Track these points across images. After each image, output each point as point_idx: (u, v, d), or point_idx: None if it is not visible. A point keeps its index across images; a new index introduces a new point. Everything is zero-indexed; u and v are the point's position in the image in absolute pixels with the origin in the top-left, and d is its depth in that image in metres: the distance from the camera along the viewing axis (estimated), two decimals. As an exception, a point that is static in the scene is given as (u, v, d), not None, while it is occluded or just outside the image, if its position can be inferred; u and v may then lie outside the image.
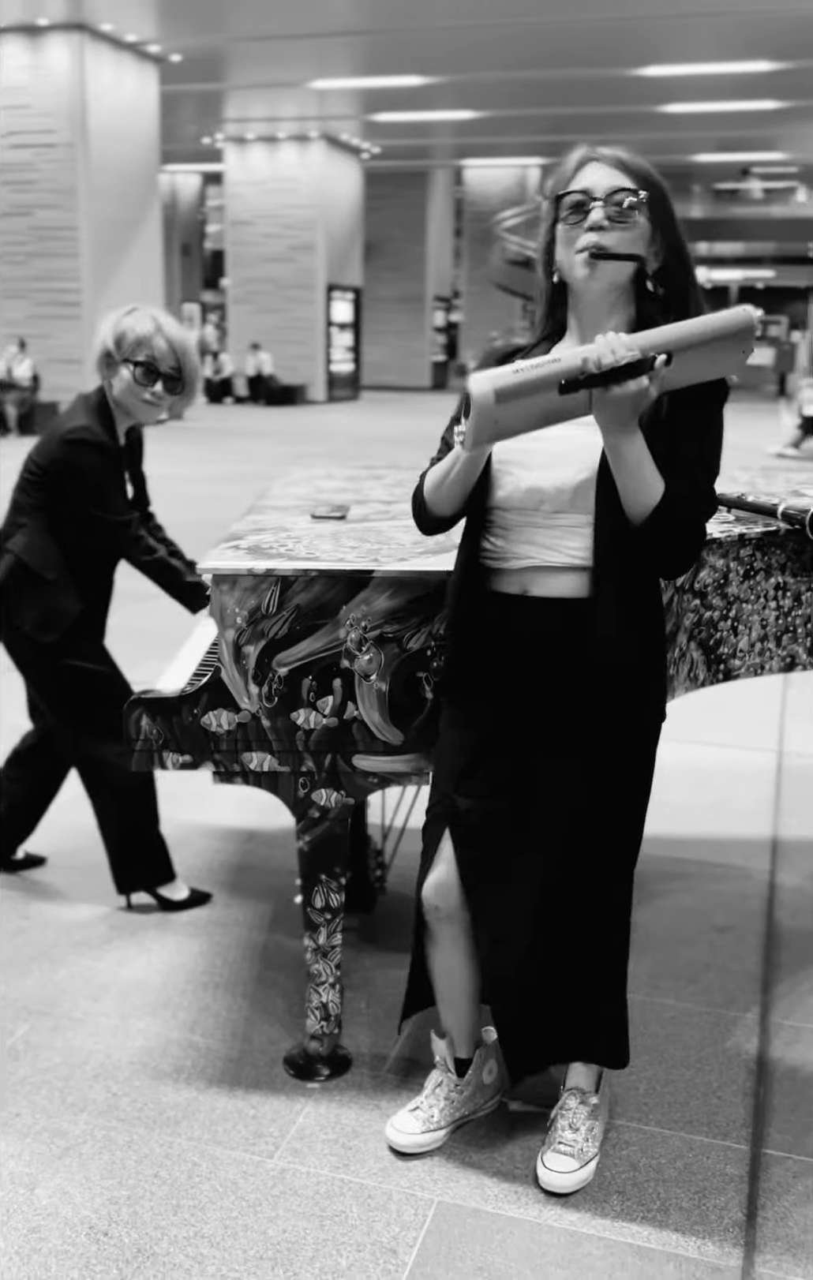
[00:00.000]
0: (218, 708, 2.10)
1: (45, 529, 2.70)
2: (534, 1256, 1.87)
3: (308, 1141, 2.13)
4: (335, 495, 2.83)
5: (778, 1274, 1.85)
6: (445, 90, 19.02)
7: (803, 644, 2.50)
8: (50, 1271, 1.83)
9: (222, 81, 18.88)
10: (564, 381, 1.63)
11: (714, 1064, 2.37)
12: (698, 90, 18.39)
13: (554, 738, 1.88)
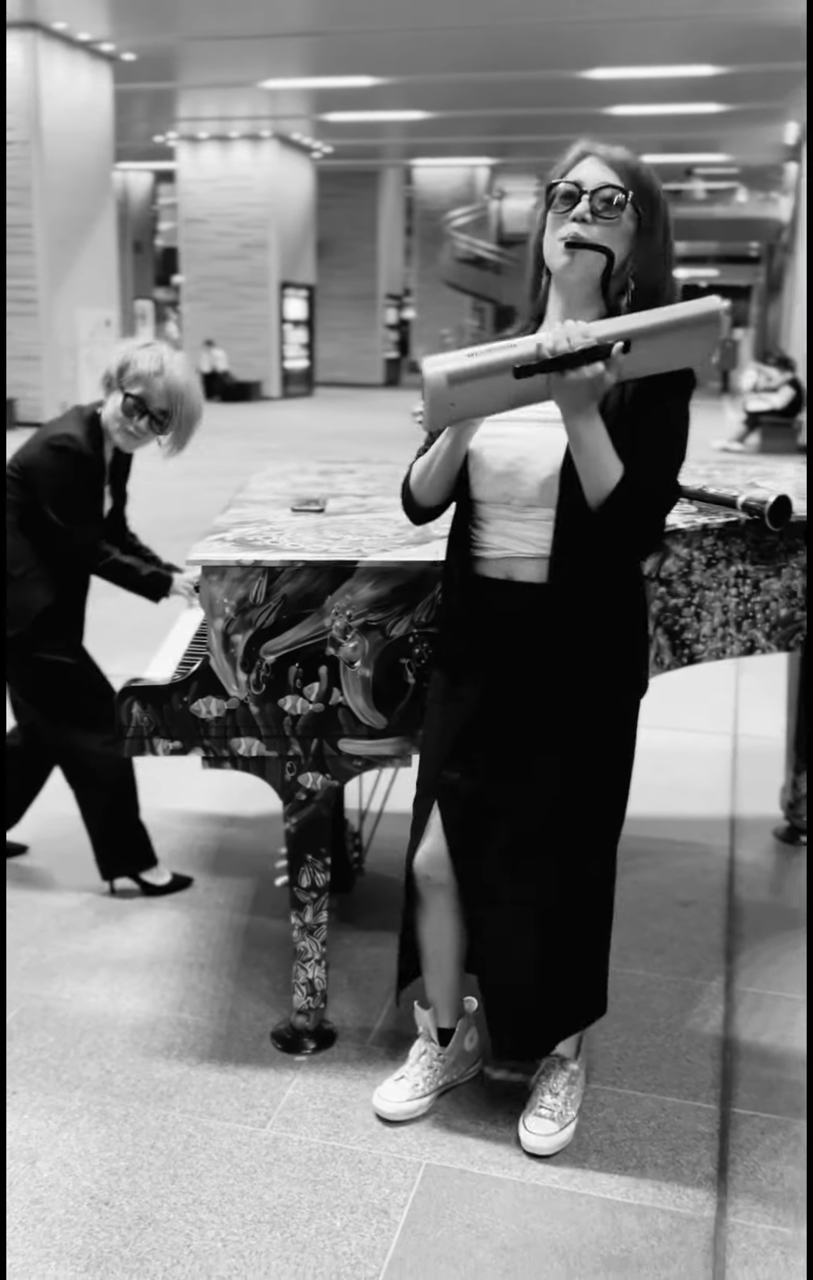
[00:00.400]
0: (207, 695, 2.14)
1: (17, 526, 2.72)
2: (519, 1213, 1.94)
3: (298, 1111, 2.18)
4: (310, 489, 2.87)
5: (750, 1223, 1.92)
6: (396, 91, 18.98)
7: (762, 629, 2.58)
8: (55, 1240, 1.87)
9: (174, 80, 18.73)
10: (519, 366, 1.67)
11: (683, 1030, 2.45)
12: (643, 93, 18.46)
13: (536, 714, 1.94)
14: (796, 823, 3.34)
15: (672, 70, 16.75)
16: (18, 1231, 1.88)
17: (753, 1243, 1.88)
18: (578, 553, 1.84)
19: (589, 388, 1.68)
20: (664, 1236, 1.89)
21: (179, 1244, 1.86)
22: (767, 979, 2.65)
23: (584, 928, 2.06)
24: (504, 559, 1.91)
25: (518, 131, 22.88)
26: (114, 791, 2.85)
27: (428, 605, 2.10)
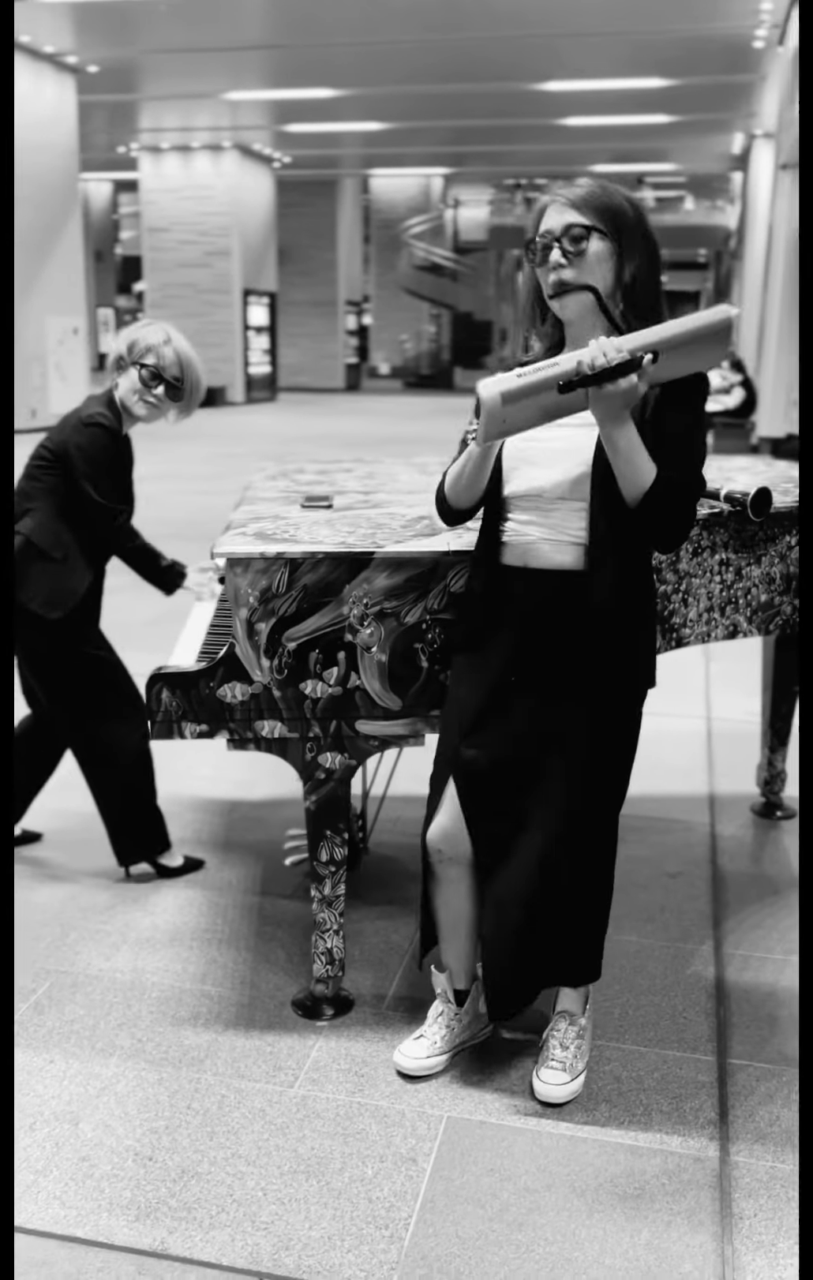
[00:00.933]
0: (232, 680, 2.22)
1: (56, 513, 2.78)
2: (538, 1158, 2.04)
3: (323, 1072, 2.26)
4: (312, 487, 2.95)
5: (751, 1161, 2.03)
6: (354, 102, 19.02)
7: (744, 613, 2.69)
8: (104, 1193, 1.95)
9: (137, 92, 18.67)
10: (563, 383, 1.79)
11: (678, 990, 2.56)
12: (594, 105, 18.63)
13: (551, 694, 2.04)
14: (772, 798, 3.46)
15: (622, 83, 16.93)
16: (68, 1187, 1.96)
17: (755, 1178, 1.99)
18: (609, 540, 1.96)
19: (624, 397, 1.81)
20: (673, 1175, 2.00)
21: (222, 1193, 1.94)
22: (752, 942, 2.76)
23: (586, 896, 2.16)
24: (530, 547, 2.02)
25: (472, 142, 22.99)
26: (133, 778, 2.92)
27: (440, 593, 2.19)
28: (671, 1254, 1.83)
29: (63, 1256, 1.81)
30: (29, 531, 2.79)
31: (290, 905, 2.90)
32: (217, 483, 10.40)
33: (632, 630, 2.06)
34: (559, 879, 2.10)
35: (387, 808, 3.33)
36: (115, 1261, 1.81)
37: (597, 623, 2.01)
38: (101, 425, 2.73)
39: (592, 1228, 1.88)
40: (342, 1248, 1.83)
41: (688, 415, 1.97)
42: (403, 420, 18.69)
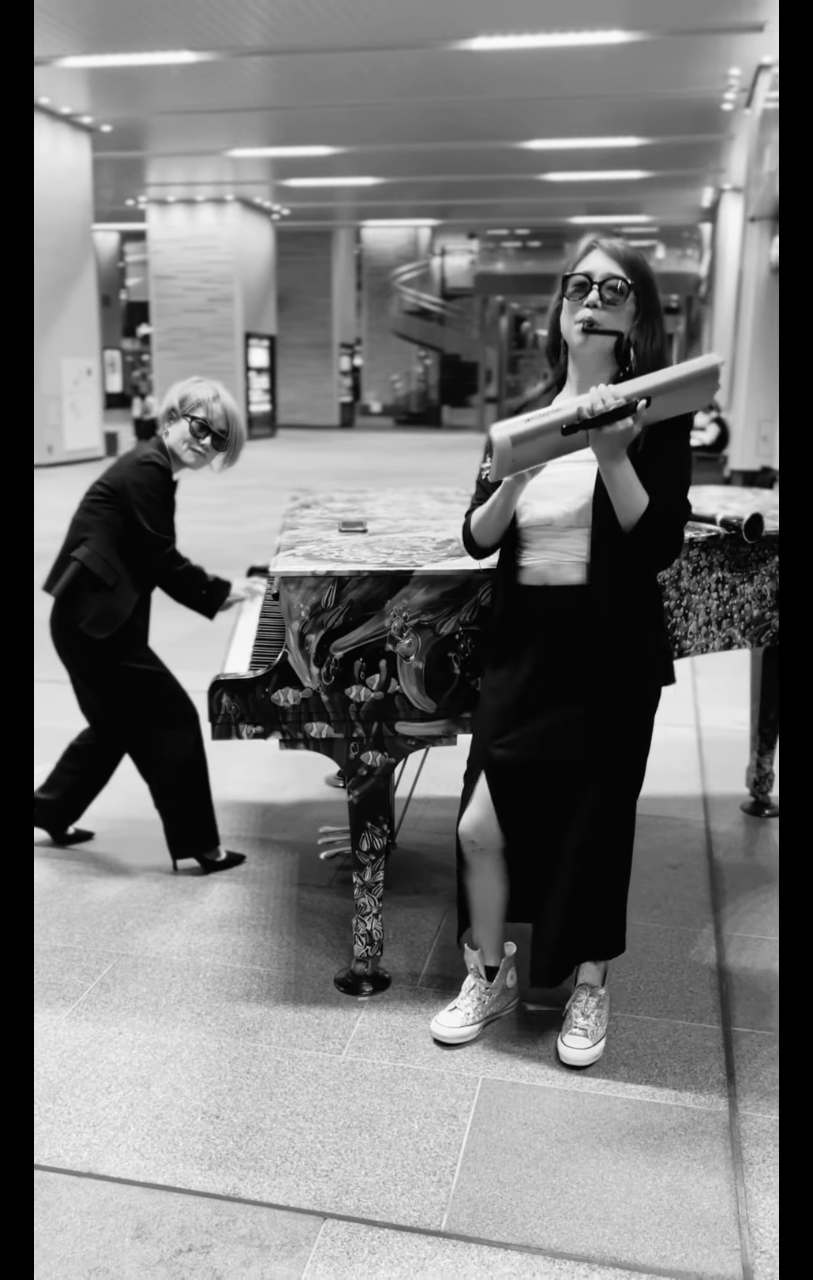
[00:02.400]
0: (285, 686, 2.35)
1: (110, 542, 2.91)
2: (567, 1113, 2.15)
3: (368, 1040, 2.38)
4: (344, 514, 3.09)
5: (756, 1114, 2.15)
6: (348, 159, 19.32)
7: (738, 627, 2.83)
8: (178, 1146, 2.05)
9: (146, 149, 18.95)
10: (566, 426, 1.93)
11: (684, 967, 2.68)
12: (574, 161, 18.95)
13: (572, 697, 2.17)
14: (761, 797, 3.60)
15: (600, 141, 17.27)
16: (146, 1141, 2.06)
17: (761, 1129, 2.11)
18: (610, 560, 2.10)
19: (621, 438, 1.94)
20: (688, 1127, 2.12)
21: (284, 1146, 2.05)
22: (749, 925, 2.89)
23: (609, 876, 2.28)
24: (546, 567, 2.15)
25: (459, 196, 23.35)
26: (188, 780, 3.03)
27: (472, 607, 2.33)
28: (689, 1195, 1.95)
29: (146, 1201, 1.92)
30: (84, 559, 2.91)
31: (326, 895, 3.02)
32: (226, 513, 10.54)
33: (639, 635, 2.18)
34: (588, 863, 2.22)
35: (412, 808, 3.45)
36: (194, 1204, 1.91)
37: (605, 631, 2.14)
38: (156, 464, 2.88)
39: (618, 1173, 1.99)
40: (395, 1191, 1.94)
41: (676, 450, 2.10)
42: (394, 455, 18.90)
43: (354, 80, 14.22)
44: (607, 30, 11.93)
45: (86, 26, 12.06)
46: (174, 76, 13.98)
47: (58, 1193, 1.94)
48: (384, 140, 17.77)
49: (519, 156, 18.64)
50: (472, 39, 12.30)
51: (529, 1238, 1.84)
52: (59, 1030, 2.40)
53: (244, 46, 12.85)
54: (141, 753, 3.02)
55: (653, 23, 11.78)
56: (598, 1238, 1.84)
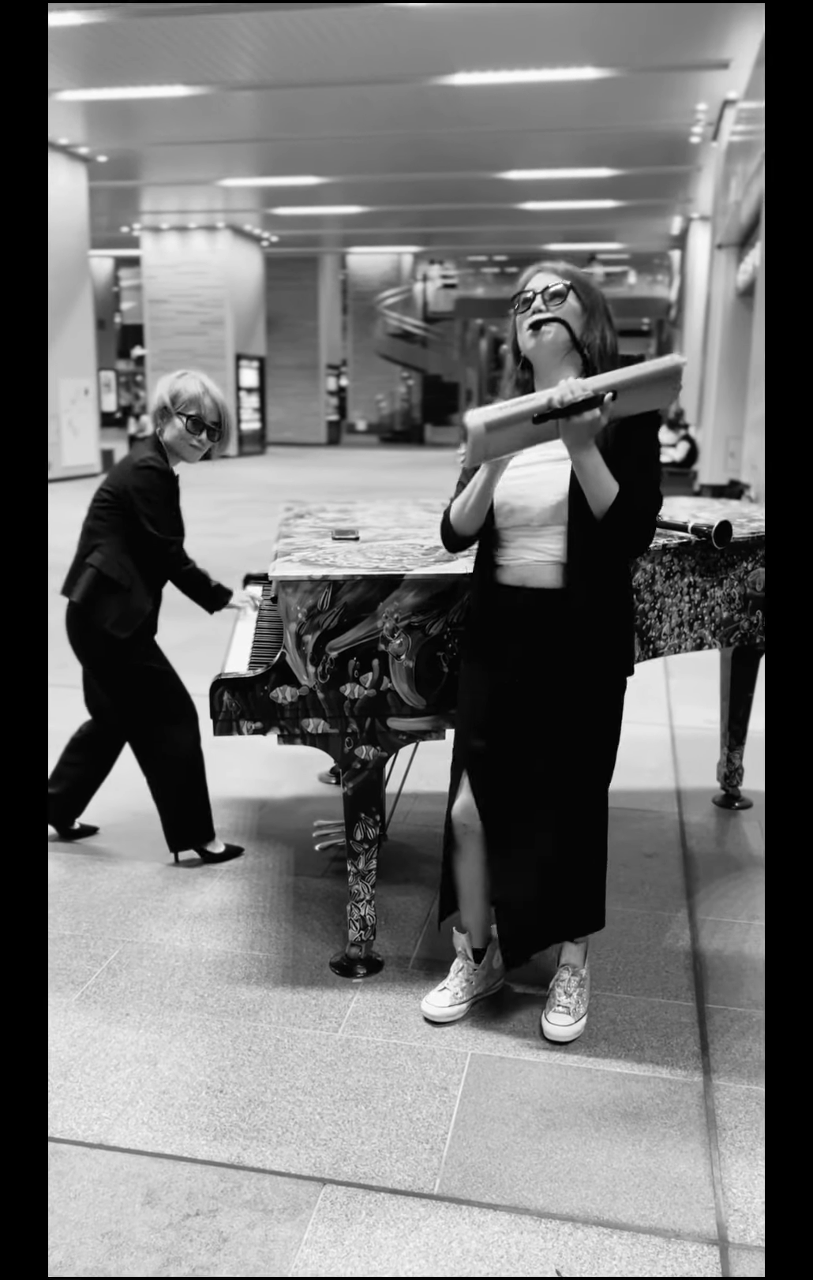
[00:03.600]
0: (283, 684, 2.39)
1: (122, 546, 2.93)
2: (551, 1085, 2.20)
3: (362, 1019, 2.41)
4: (336, 524, 3.14)
5: (729, 1084, 2.20)
6: (334, 189, 19.42)
7: (709, 628, 2.89)
8: (185, 1119, 2.09)
9: (140, 179, 19.01)
10: (537, 415, 1.97)
11: (660, 949, 2.73)
12: (550, 191, 19.11)
13: (545, 688, 2.21)
14: (731, 791, 3.65)
15: (574, 172, 17.42)
16: (153, 1114, 2.10)
17: (733, 1097, 2.16)
18: (585, 557, 2.14)
19: (589, 428, 1.98)
20: (665, 1096, 2.16)
21: (285, 1117, 2.09)
22: (720, 909, 2.94)
23: (584, 856, 2.32)
24: (523, 567, 2.19)
25: (440, 224, 23.49)
26: (187, 774, 3.06)
27: (459, 609, 2.38)
28: (666, 1158, 1.99)
29: (156, 1170, 1.95)
30: (99, 564, 2.94)
31: (321, 884, 3.06)
32: (220, 525, 10.57)
33: (609, 630, 2.22)
34: (563, 844, 2.27)
35: (401, 803, 3.50)
36: (201, 1173, 1.95)
37: (579, 629, 2.18)
38: (153, 467, 2.90)
39: (600, 1139, 2.04)
40: (391, 1158, 1.98)
41: (644, 444, 2.12)
42: (379, 471, 18.96)
43: (340, 113, 14.33)
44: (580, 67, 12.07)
45: (84, 62, 12.13)
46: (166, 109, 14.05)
47: (71, 1163, 1.97)
48: (369, 170, 17.89)
49: (497, 186, 18.79)
50: (452, 75, 12.42)
51: (517, 1199, 1.88)
52: (69, 1012, 2.43)
53: (235, 81, 12.94)
54: (144, 748, 3.05)
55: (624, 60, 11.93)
56: (581, 1199, 1.89)
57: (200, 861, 3.18)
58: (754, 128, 11.07)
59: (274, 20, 10.90)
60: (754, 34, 10.84)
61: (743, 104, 12.33)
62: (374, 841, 2.52)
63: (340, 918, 2.84)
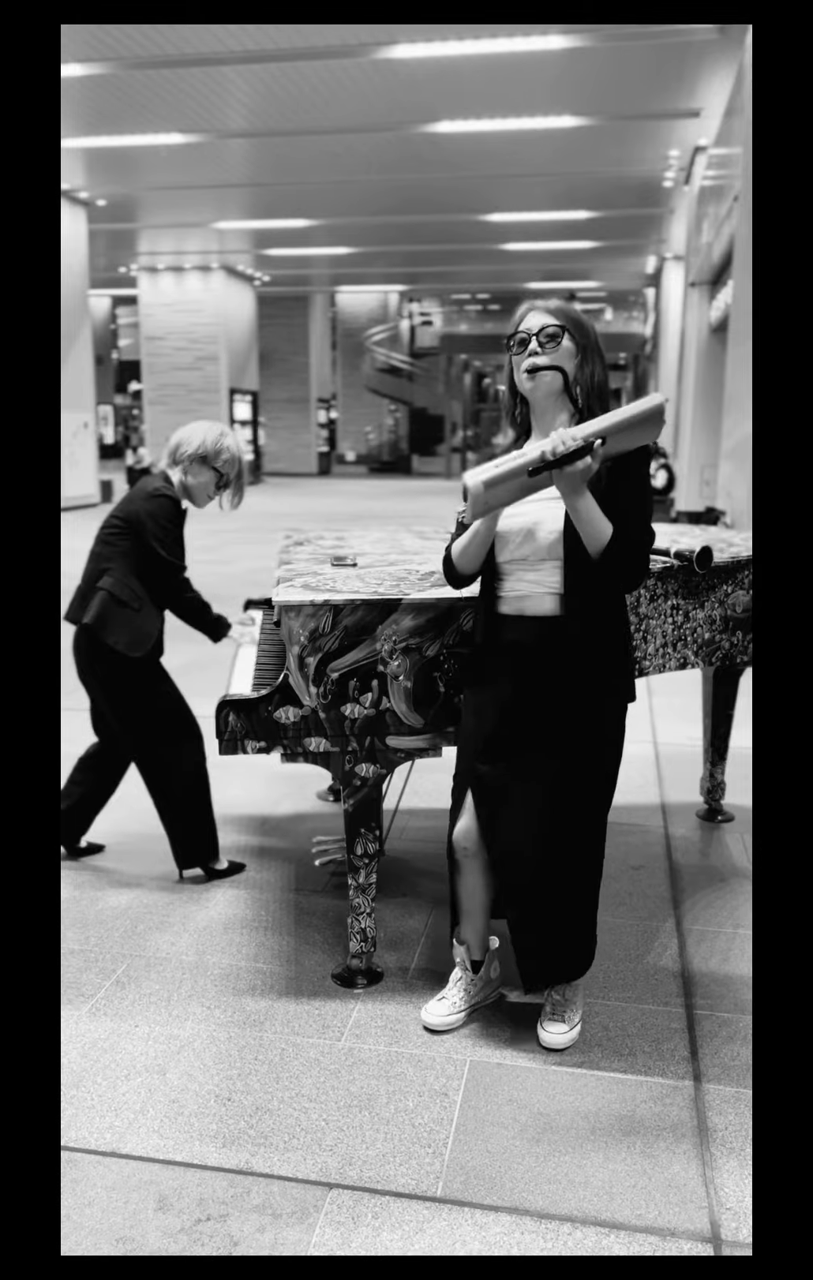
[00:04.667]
0: (286, 705, 2.41)
1: (130, 570, 2.95)
2: (547, 1090, 2.20)
3: (364, 1028, 2.42)
4: (334, 550, 3.17)
5: (719, 1086, 2.21)
6: (324, 231, 19.62)
7: (691, 648, 2.92)
8: (194, 1126, 2.09)
9: (137, 221, 19.17)
10: (531, 469, 2.01)
11: (649, 958, 2.74)
12: (530, 233, 19.32)
13: (548, 716, 2.23)
14: (714, 805, 3.68)
15: (554, 215, 17.63)
16: (163, 1123, 2.09)
17: (723, 1099, 2.17)
18: (581, 589, 2.17)
19: (581, 475, 2.01)
20: (658, 1099, 2.17)
21: (292, 1124, 2.09)
22: (706, 919, 2.96)
23: (579, 893, 2.32)
24: (521, 598, 2.22)
25: (425, 264, 23.74)
26: (192, 793, 3.07)
27: (455, 631, 2.41)
28: (660, 1159, 2.00)
29: (166, 1176, 1.95)
30: (110, 587, 2.95)
31: (322, 898, 3.06)
32: (218, 553, 10.59)
33: (608, 658, 2.25)
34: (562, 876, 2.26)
35: (398, 819, 3.51)
36: (210, 1178, 1.95)
37: (577, 656, 2.21)
38: (167, 496, 2.93)
39: (595, 1141, 2.04)
40: (395, 1162, 1.98)
41: (636, 483, 2.15)
42: (368, 499, 19.05)
43: (329, 159, 14.51)
44: (559, 116, 12.26)
45: (85, 111, 12.27)
46: (164, 156, 14.21)
47: (84, 1171, 1.96)
48: (356, 213, 18.08)
49: (480, 228, 19.01)
50: (436, 123, 12.60)
51: (517, 1201, 1.89)
52: (80, 1024, 2.43)
53: (228, 129, 13.10)
54: (150, 768, 3.06)
55: (600, 109, 12.13)
56: (579, 1199, 1.89)
57: (204, 878, 3.19)
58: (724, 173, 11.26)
59: (266, 72, 11.07)
60: (724, 84, 11.05)
61: (713, 150, 12.54)
62: (374, 856, 2.54)
63: (341, 931, 2.84)
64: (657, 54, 10.35)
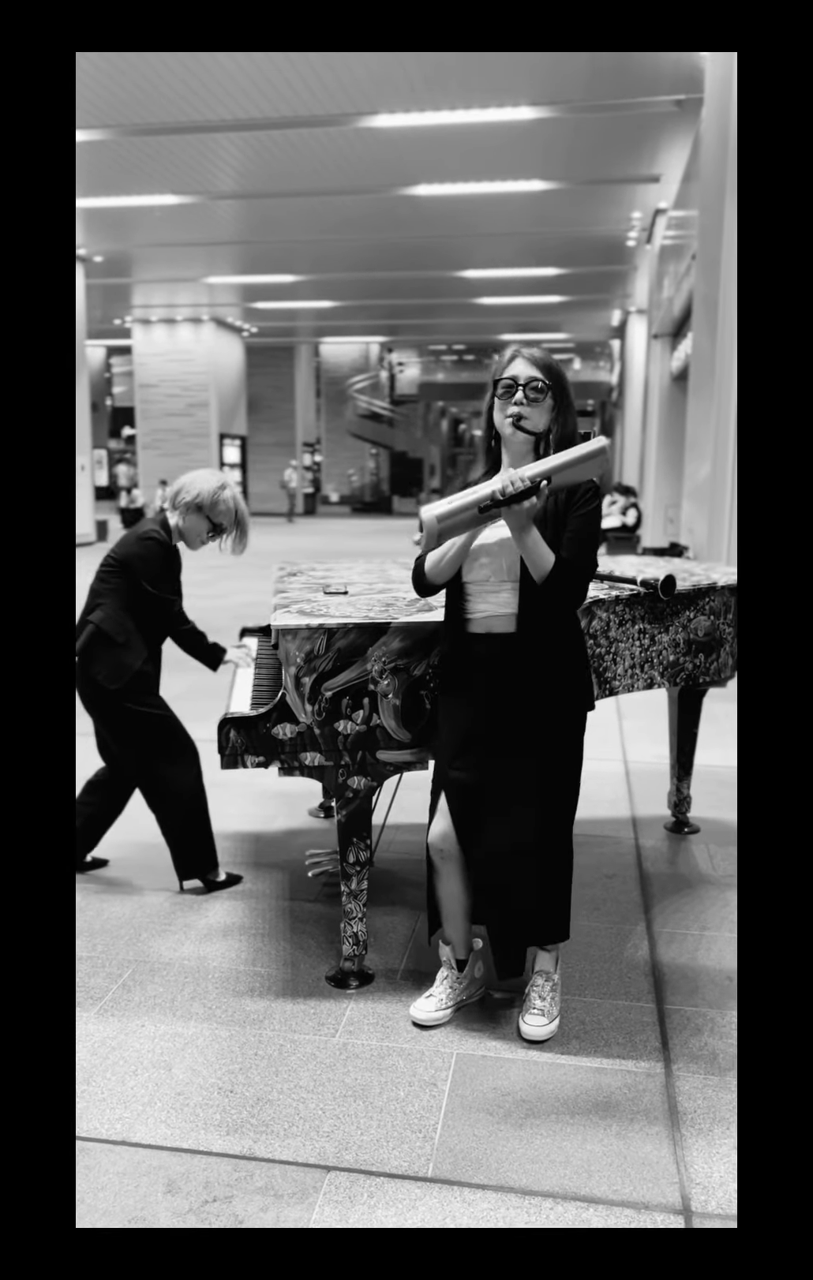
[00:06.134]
0: (283, 722, 2.49)
1: (121, 606, 3.04)
2: (529, 1079, 2.26)
3: (357, 1025, 2.47)
4: (325, 580, 3.26)
5: (688, 1074, 2.28)
6: (309, 285, 19.95)
7: (657, 669, 3.03)
8: (199, 1117, 2.13)
9: (132, 276, 19.46)
10: (481, 507, 2.11)
11: (622, 958, 2.81)
12: (502, 288, 19.71)
13: (513, 722, 2.31)
14: (680, 818, 3.76)
15: (524, 271, 18.02)
16: (170, 1114, 2.14)
17: (692, 1085, 2.24)
18: (534, 611, 2.26)
19: (527, 513, 2.11)
20: (631, 1086, 2.23)
21: (291, 1113, 2.14)
22: (675, 922, 3.03)
23: (552, 874, 2.41)
24: (486, 618, 2.32)
25: (404, 316, 24.14)
26: (190, 810, 3.12)
27: (439, 652, 2.50)
28: (634, 1140, 2.06)
29: (174, 1162, 2.00)
30: (99, 621, 3.04)
31: (314, 907, 3.12)
32: (210, 588, 10.67)
33: (564, 671, 2.33)
34: (536, 864, 2.36)
35: (386, 833, 3.57)
36: (215, 1163, 1.99)
37: (534, 669, 2.29)
38: (155, 540, 3.01)
39: (574, 1125, 2.11)
40: (388, 1147, 2.04)
41: (584, 517, 2.25)
42: (351, 538, 19.20)
43: (313, 219, 14.82)
44: (529, 180, 12.61)
45: (84, 173, 12.52)
46: (158, 216, 14.48)
47: (97, 1158, 2.01)
48: (340, 269, 18.42)
49: (456, 283, 19.38)
50: (415, 186, 12.93)
51: (503, 1179, 1.94)
52: (89, 1025, 2.47)
53: (219, 191, 13.39)
54: (150, 786, 3.12)
55: (568, 174, 12.48)
56: (560, 1177, 1.95)
57: (204, 889, 3.24)
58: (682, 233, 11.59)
59: (255, 139, 11.35)
60: (682, 152, 11.40)
61: (672, 213, 12.90)
62: (365, 864, 2.60)
63: (332, 936, 2.90)
64: (620, 124, 10.70)
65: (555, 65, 9.11)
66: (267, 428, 27.66)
